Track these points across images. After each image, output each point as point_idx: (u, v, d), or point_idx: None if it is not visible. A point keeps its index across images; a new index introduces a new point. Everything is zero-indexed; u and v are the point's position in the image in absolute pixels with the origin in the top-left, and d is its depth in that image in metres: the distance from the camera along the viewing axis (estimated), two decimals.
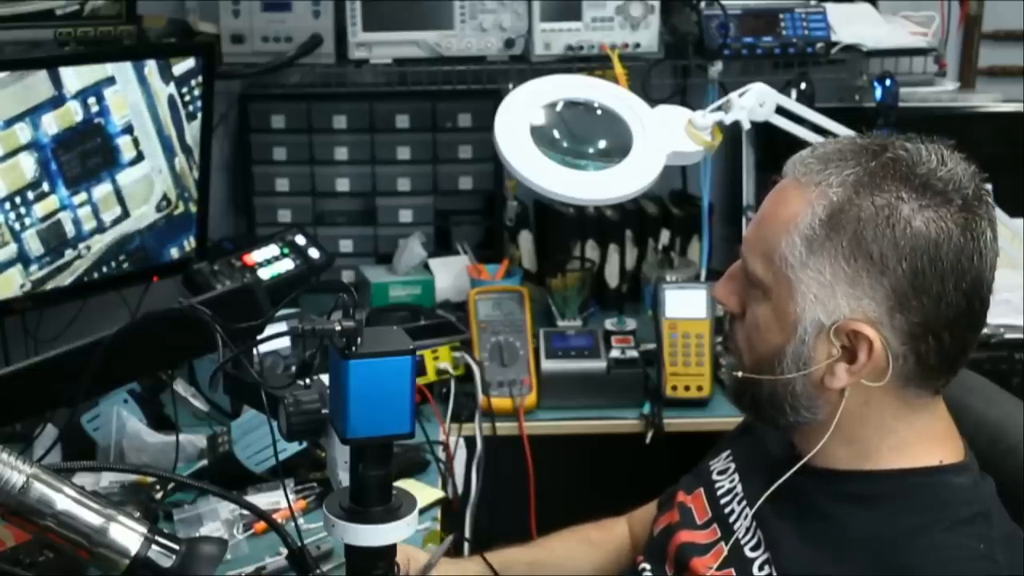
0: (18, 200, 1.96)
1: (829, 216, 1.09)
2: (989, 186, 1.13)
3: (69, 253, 2.06)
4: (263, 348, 1.84)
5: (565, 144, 1.75)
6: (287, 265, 2.30)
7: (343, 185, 2.57)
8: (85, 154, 2.04)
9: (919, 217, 1.07)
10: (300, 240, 2.35)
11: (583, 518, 1.59)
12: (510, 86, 1.90)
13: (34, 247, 2.01)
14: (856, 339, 1.10)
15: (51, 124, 1.97)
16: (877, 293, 1.08)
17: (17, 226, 1.97)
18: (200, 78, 2.18)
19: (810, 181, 1.12)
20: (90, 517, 1.00)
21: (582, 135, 1.78)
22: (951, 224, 1.07)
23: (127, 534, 1.01)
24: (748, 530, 1.22)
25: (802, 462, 1.17)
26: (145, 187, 2.15)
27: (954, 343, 1.10)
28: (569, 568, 1.53)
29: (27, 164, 1.96)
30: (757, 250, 1.15)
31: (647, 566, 1.35)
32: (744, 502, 1.25)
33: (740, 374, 1.20)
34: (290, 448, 1.68)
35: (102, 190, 2.08)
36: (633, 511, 1.55)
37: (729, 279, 1.22)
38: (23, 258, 2.00)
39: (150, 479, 1.72)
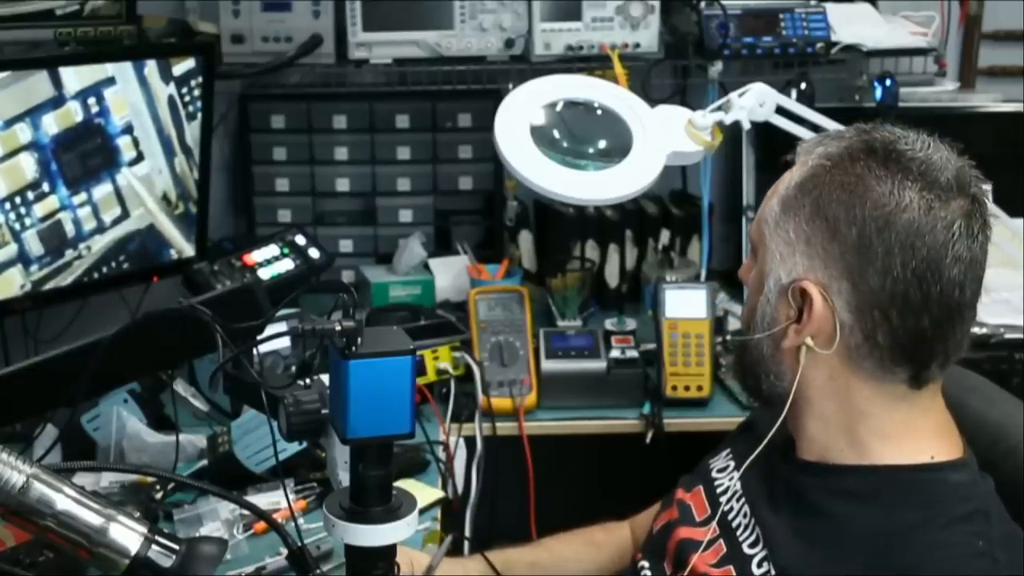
0: (18, 200, 1.96)
1: (802, 180, 1.15)
2: (988, 187, 1.12)
3: (69, 253, 2.06)
4: (263, 348, 1.84)
5: (565, 144, 1.75)
6: (287, 265, 2.30)
7: (343, 185, 2.57)
8: (85, 154, 2.04)
9: (878, 188, 1.09)
10: (300, 240, 2.35)
11: (583, 518, 1.59)
12: (510, 86, 1.90)
13: (34, 247, 2.00)
14: (804, 298, 1.13)
15: (51, 124, 1.97)
16: (828, 256, 1.11)
17: (17, 226, 1.97)
18: (200, 78, 2.18)
19: (802, 154, 1.18)
20: (90, 517, 1.00)
21: (582, 135, 1.78)
22: (908, 201, 1.08)
23: (127, 534, 1.01)
24: (746, 527, 1.23)
25: (777, 424, 1.19)
26: (145, 187, 2.16)
27: (905, 327, 1.10)
28: (570, 568, 1.53)
29: (27, 164, 1.96)
30: (756, 217, 1.22)
31: (646, 564, 1.35)
32: (743, 499, 1.26)
33: (729, 336, 1.23)
34: (290, 448, 1.68)
35: (102, 190, 2.08)
36: (636, 515, 1.56)
37: (747, 258, 1.28)
38: (23, 258, 2.00)
39: (150, 479, 1.72)
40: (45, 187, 1.99)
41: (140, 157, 2.13)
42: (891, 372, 1.13)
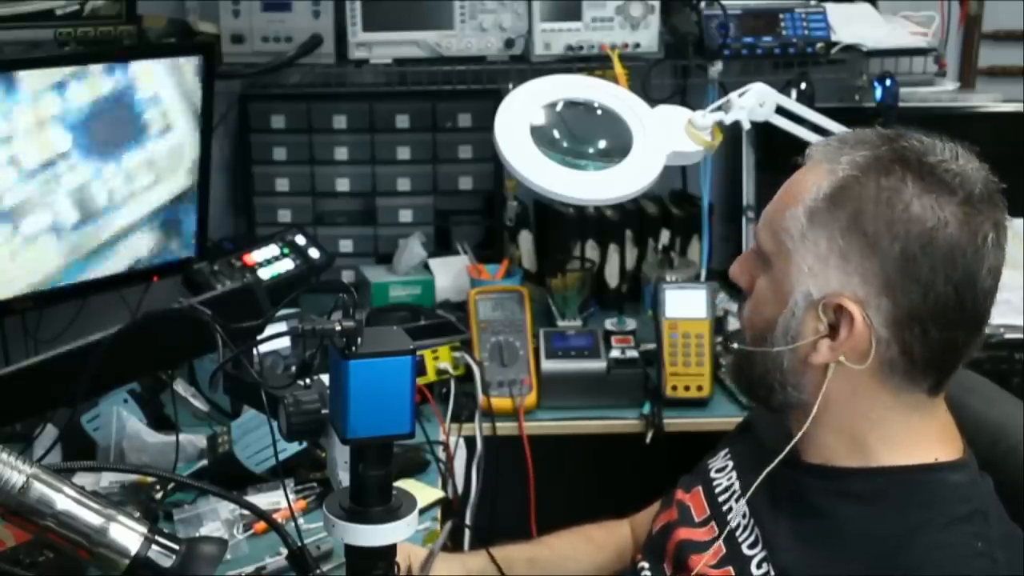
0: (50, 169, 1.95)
1: (833, 191, 1.11)
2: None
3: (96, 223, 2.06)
4: (263, 348, 1.84)
5: (565, 144, 1.75)
6: (287, 265, 2.30)
7: (343, 185, 2.57)
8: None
9: (918, 203, 1.07)
10: (300, 240, 2.35)
11: (583, 518, 1.59)
12: (510, 86, 1.90)
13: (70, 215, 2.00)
14: (840, 315, 1.11)
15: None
16: (866, 272, 1.09)
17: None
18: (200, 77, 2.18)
19: (824, 160, 1.14)
20: (90, 517, 1.00)
21: (582, 135, 1.78)
22: (949, 215, 1.07)
23: (127, 534, 1.01)
24: (745, 528, 1.22)
25: (792, 443, 1.18)
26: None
27: (941, 339, 1.10)
28: (569, 566, 1.53)
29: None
30: (766, 221, 1.18)
31: (645, 564, 1.35)
32: (742, 500, 1.26)
33: (736, 345, 1.21)
34: (290, 448, 1.68)
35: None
36: (635, 514, 1.56)
37: (744, 258, 1.24)
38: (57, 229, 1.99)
39: (150, 479, 1.72)
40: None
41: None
42: (917, 384, 1.13)
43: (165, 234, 2.21)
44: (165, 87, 2.10)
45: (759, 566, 1.18)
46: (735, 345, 1.22)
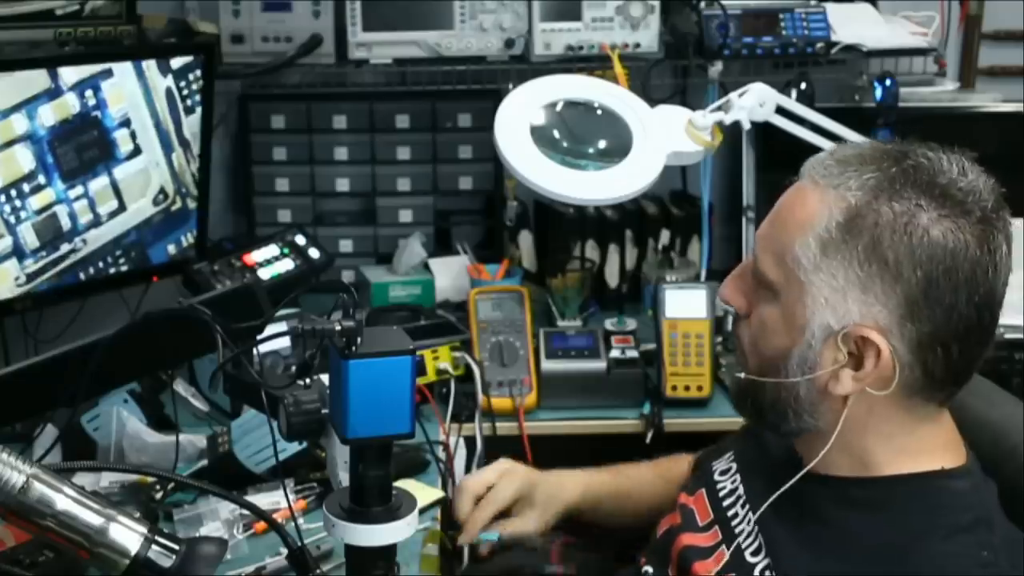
0: (13, 193, 1.95)
1: (846, 219, 1.08)
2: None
3: (65, 247, 2.06)
4: (263, 348, 1.84)
5: (565, 144, 1.75)
6: (287, 265, 2.30)
7: (343, 185, 2.57)
8: (81, 147, 2.03)
9: (937, 227, 1.06)
10: (300, 240, 2.35)
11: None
12: (510, 86, 1.90)
13: (29, 240, 2.00)
14: (864, 346, 1.09)
15: (48, 116, 1.97)
16: (889, 300, 1.07)
17: (12, 219, 1.96)
18: (198, 72, 2.18)
19: (828, 183, 1.10)
20: (90, 517, 1.00)
21: (582, 135, 1.78)
22: (969, 236, 1.06)
23: (127, 534, 1.01)
24: (749, 534, 1.22)
25: (803, 472, 1.17)
26: (142, 181, 2.15)
27: (962, 357, 1.09)
28: (646, 496, 1.57)
29: (23, 156, 1.95)
30: (769, 250, 1.14)
31: (649, 569, 1.35)
32: (747, 505, 1.25)
33: (743, 375, 1.19)
34: (290, 448, 1.68)
35: (99, 183, 2.07)
36: (694, 453, 1.57)
37: (737, 278, 1.21)
38: (18, 252, 1.99)
39: (150, 479, 1.72)
40: (41, 179, 1.99)
41: (137, 151, 2.12)
42: (932, 399, 1.13)
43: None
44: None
45: (762, 574, 1.17)
46: (742, 375, 1.19)
